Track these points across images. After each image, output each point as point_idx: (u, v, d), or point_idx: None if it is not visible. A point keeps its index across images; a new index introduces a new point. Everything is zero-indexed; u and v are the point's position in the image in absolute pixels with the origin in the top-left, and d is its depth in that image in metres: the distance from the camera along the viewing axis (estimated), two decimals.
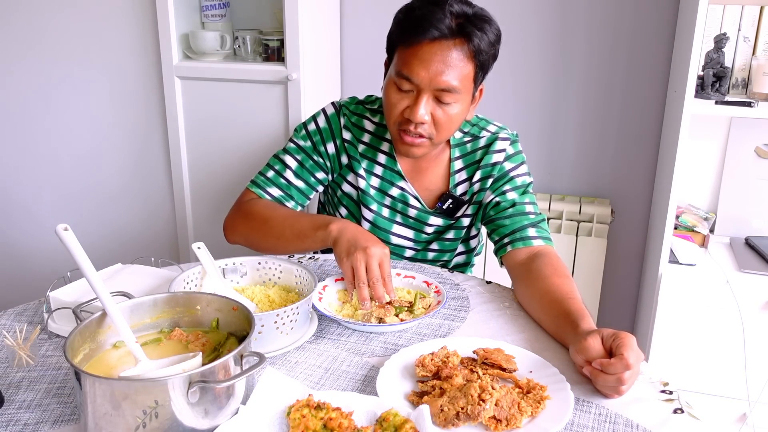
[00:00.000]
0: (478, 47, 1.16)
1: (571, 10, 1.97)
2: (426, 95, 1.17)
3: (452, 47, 1.15)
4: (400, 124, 1.22)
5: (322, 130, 1.36)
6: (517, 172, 1.32)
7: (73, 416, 0.82)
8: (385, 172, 1.36)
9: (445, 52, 1.15)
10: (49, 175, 2.36)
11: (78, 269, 0.78)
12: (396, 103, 1.21)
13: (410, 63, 1.16)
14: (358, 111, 1.38)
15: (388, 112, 1.23)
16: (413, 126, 1.19)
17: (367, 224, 1.39)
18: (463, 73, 1.17)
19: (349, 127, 1.36)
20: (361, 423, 0.78)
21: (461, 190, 1.35)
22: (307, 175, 1.36)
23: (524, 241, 1.23)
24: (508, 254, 1.24)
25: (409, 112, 1.19)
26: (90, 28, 2.12)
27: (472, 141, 1.35)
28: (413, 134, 1.21)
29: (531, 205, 1.29)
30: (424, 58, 1.15)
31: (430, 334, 1.04)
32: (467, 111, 1.24)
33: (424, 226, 1.38)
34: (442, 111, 1.19)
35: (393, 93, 1.21)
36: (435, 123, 1.20)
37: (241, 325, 0.87)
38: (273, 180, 1.36)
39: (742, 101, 1.66)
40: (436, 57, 1.15)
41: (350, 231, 1.14)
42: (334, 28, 2.10)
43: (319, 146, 1.36)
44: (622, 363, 0.83)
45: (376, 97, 1.40)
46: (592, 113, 2.04)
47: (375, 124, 1.36)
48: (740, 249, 1.86)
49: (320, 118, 1.38)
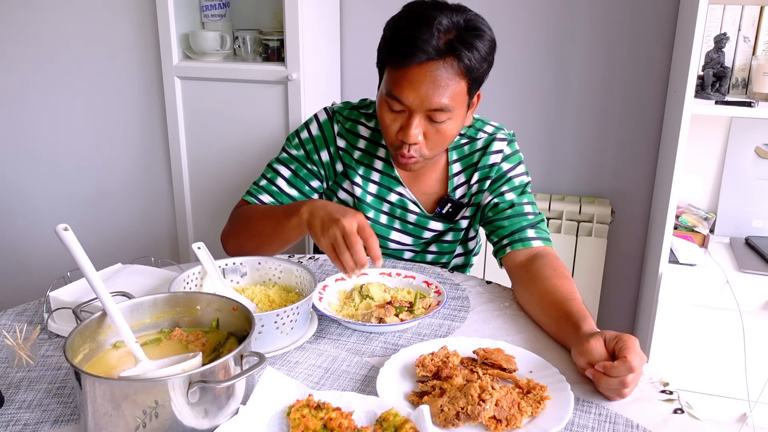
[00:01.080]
0: (468, 65, 1.12)
1: (571, 10, 1.97)
2: (418, 116, 1.15)
3: (441, 67, 1.11)
4: (396, 148, 1.20)
5: (315, 138, 1.34)
6: (514, 172, 1.31)
7: (73, 416, 0.82)
8: (383, 178, 1.34)
9: (434, 74, 1.11)
10: (49, 175, 2.36)
11: (78, 269, 0.78)
12: (390, 125, 1.19)
13: (400, 85, 1.13)
14: (353, 116, 1.35)
15: (384, 132, 1.22)
16: (406, 148, 1.18)
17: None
18: (455, 91, 1.13)
19: (343, 134, 1.34)
20: (361, 423, 0.78)
21: (460, 193, 1.34)
22: (301, 184, 1.34)
23: (523, 242, 1.23)
24: (507, 256, 1.24)
25: (402, 134, 1.17)
26: (90, 28, 2.12)
27: (470, 143, 1.33)
28: (408, 156, 1.19)
29: (529, 205, 1.28)
30: (413, 80, 1.12)
31: (430, 334, 1.04)
32: (462, 123, 1.22)
33: (423, 230, 1.37)
34: (436, 129, 1.17)
35: (385, 113, 1.19)
36: (428, 140, 1.18)
37: (241, 325, 0.87)
38: (265, 188, 1.33)
39: (742, 101, 1.66)
40: (426, 79, 1.11)
41: (320, 209, 1.09)
42: (334, 28, 2.10)
43: (313, 155, 1.34)
44: (626, 366, 0.83)
45: (371, 101, 1.38)
46: (592, 113, 2.04)
47: (370, 130, 1.34)
48: (740, 249, 1.86)
49: (312, 126, 1.35)
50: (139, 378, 0.76)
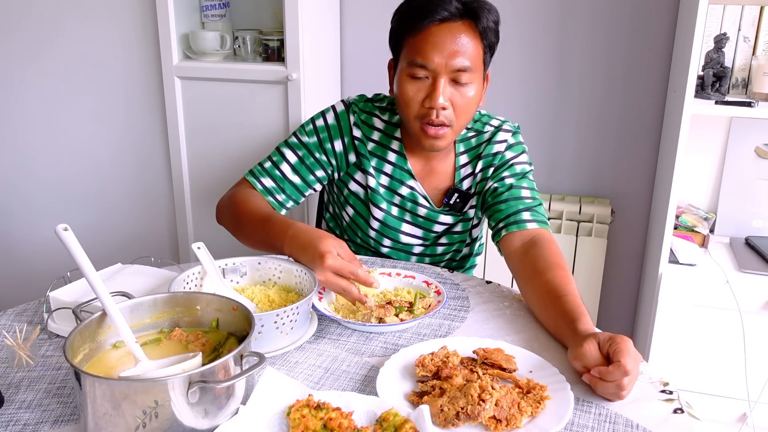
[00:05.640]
0: (485, 27, 1.19)
1: (571, 10, 1.97)
2: (443, 79, 1.18)
3: (461, 28, 1.17)
4: (422, 117, 1.21)
5: (330, 127, 1.35)
6: (517, 160, 1.33)
7: (73, 416, 0.82)
8: (395, 171, 1.35)
9: (455, 33, 1.17)
10: (49, 175, 2.36)
11: (78, 269, 0.78)
12: (413, 96, 1.21)
13: (423, 49, 1.17)
14: (368, 109, 1.37)
15: (407, 107, 1.23)
16: (435, 115, 1.19)
17: (376, 223, 1.38)
18: (475, 53, 1.19)
19: (359, 125, 1.35)
20: (361, 423, 0.78)
21: (467, 184, 1.36)
22: (305, 171, 1.35)
23: (518, 224, 1.23)
24: (503, 239, 1.24)
25: (428, 100, 1.19)
26: (90, 29, 2.12)
27: (477, 136, 1.36)
28: (436, 124, 1.21)
29: (528, 190, 1.29)
30: (436, 41, 1.16)
31: (430, 334, 1.04)
32: (480, 98, 1.25)
33: (433, 224, 1.38)
34: (460, 94, 1.20)
35: (408, 86, 1.21)
36: (454, 108, 1.21)
37: (241, 325, 0.87)
38: (268, 170, 1.34)
39: (742, 101, 1.66)
40: (448, 39, 1.16)
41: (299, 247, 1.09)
42: (334, 28, 2.10)
43: (326, 143, 1.35)
44: (620, 370, 0.82)
45: (385, 95, 1.40)
46: (592, 113, 2.04)
47: (385, 122, 1.36)
48: (740, 249, 1.86)
49: (329, 115, 1.36)
50: (139, 378, 0.76)
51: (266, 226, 1.20)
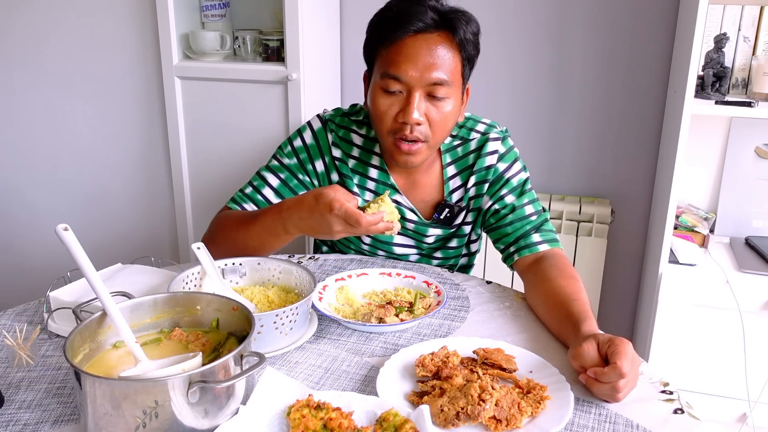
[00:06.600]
0: (462, 39, 1.13)
1: (571, 9, 1.97)
2: (418, 93, 1.12)
3: (437, 40, 1.11)
4: (395, 132, 1.16)
5: (309, 147, 1.30)
6: (511, 172, 1.29)
7: (73, 416, 0.82)
8: (378, 187, 1.31)
9: (431, 45, 1.11)
10: (49, 175, 2.36)
11: (78, 269, 0.78)
12: (386, 110, 1.15)
13: (396, 61, 1.11)
14: (344, 124, 1.31)
15: (379, 121, 1.17)
16: (408, 130, 1.14)
17: (368, 238, 1.35)
18: (452, 66, 1.13)
19: (337, 143, 1.30)
20: (361, 423, 0.78)
21: (457, 197, 1.32)
22: (288, 194, 1.29)
23: (530, 248, 1.22)
24: (516, 263, 1.24)
25: (402, 115, 1.14)
26: (90, 29, 2.12)
27: (463, 144, 1.30)
28: (410, 140, 1.15)
29: (530, 205, 1.27)
30: (410, 53, 1.10)
31: (430, 334, 1.04)
32: (458, 113, 1.20)
33: (423, 237, 1.35)
34: (436, 109, 1.14)
35: (381, 99, 1.15)
36: (430, 123, 1.15)
37: (241, 325, 0.87)
38: (250, 196, 1.29)
39: (742, 101, 1.66)
40: (423, 51, 1.10)
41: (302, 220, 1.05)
42: (334, 28, 2.10)
43: (307, 164, 1.30)
44: (615, 372, 0.82)
45: (361, 107, 1.34)
46: (592, 113, 2.04)
47: (362, 137, 1.31)
48: (740, 249, 1.86)
49: (306, 134, 1.31)
50: (139, 378, 0.76)
51: (258, 221, 1.15)
